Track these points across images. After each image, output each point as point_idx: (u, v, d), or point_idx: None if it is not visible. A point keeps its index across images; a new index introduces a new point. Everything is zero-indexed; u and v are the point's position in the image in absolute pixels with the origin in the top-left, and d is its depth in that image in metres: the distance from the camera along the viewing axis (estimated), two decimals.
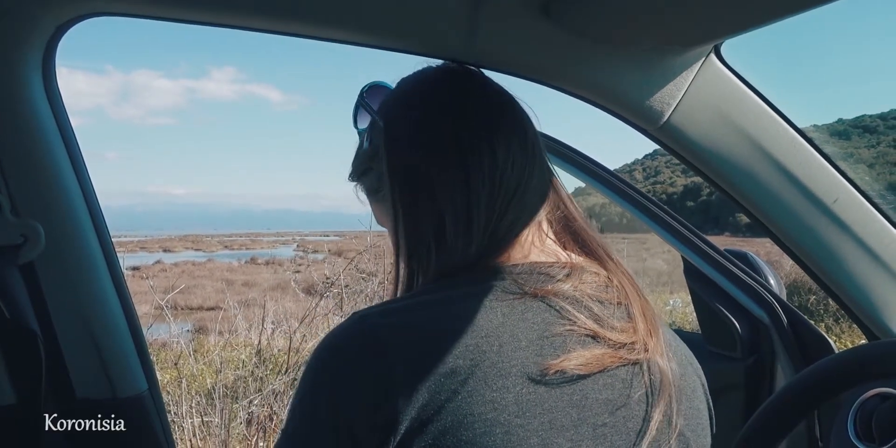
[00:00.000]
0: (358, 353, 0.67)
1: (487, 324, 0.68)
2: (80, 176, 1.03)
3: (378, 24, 0.91)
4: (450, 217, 0.76)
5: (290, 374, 4.59)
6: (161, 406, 1.09)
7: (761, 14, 0.82)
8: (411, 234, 0.79)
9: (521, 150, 0.79)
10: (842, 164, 1.11)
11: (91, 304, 1.02)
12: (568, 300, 0.72)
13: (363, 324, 0.69)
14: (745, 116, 1.04)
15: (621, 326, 0.72)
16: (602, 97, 0.98)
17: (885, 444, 1.02)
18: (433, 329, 0.68)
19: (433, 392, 0.64)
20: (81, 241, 1.02)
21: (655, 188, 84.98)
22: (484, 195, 0.76)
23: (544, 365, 0.67)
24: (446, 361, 0.65)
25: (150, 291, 5.21)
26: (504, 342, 0.67)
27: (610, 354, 0.70)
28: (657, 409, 0.70)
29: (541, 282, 0.72)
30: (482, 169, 0.76)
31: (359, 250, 6.11)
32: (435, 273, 0.77)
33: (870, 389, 1.09)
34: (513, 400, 0.65)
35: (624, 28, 0.89)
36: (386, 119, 0.82)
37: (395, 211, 0.79)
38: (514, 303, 0.70)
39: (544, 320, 0.70)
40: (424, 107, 0.81)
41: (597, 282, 0.75)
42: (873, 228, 1.12)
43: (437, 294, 0.72)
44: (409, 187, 0.78)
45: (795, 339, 1.41)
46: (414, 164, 0.78)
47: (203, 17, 0.92)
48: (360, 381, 0.66)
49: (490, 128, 0.78)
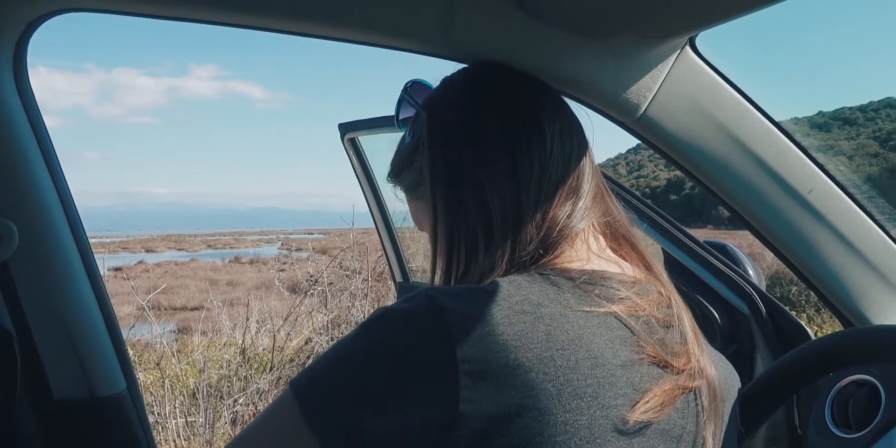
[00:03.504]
0: (423, 335, 0.63)
1: (563, 336, 0.64)
2: (54, 174, 1.02)
3: (354, 19, 0.91)
4: (497, 209, 0.74)
5: (275, 373, 4.58)
6: (141, 406, 1.08)
7: (735, 6, 0.82)
8: (457, 228, 0.76)
9: (570, 143, 0.78)
10: (818, 155, 1.12)
11: (67, 303, 1.01)
12: (638, 321, 0.70)
13: (434, 304, 0.65)
14: (720, 108, 1.05)
15: (679, 350, 0.72)
16: (578, 90, 0.98)
17: (861, 430, 1.03)
18: (507, 332, 0.63)
19: (501, 403, 0.61)
20: (56, 240, 1.00)
21: (639, 182, 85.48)
22: (533, 185, 0.75)
23: (623, 414, 0.64)
24: (518, 373, 0.62)
25: (132, 292, 5.18)
26: (580, 359, 0.64)
27: (676, 387, 0.68)
28: (707, 431, 0.72)
29: (609, 294, 0.70)
30: (531, 158, 0.75)
31: (343, 248, 6.10)
32: (483, 271, 0.73)
33: (846, 376, 1.10)
34: (585, 424, 0.62)
35: (599, 20, 0.89)
36: (431, 111, 0.81)
37: (435, 204, 0.78)
38: (589, 316, 0.67)
39: (618, 339, 0.67)
40: (471, 99, 0.81)
41: (659, 302, 0.74)
42: (848, 218, 1.13)
43: (508, 291, 0.67)
44: (453, 179, 0.77)
45: (774, 328, 1.43)
46: (458, 154, 0.77)
47: (177, 13, 0.91)
48: (424, 368, 0.62)
49: (538, 122, 0.77)
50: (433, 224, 0.79)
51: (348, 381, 0.64)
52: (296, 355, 5.24)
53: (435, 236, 0.79)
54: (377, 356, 0.64)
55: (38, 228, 0.98)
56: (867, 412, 1.04)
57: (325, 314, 5.61)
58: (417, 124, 0.83)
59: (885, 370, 1.06)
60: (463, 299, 0.65)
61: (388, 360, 0.63)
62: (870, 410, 1.04)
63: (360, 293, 5.60)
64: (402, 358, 0.63)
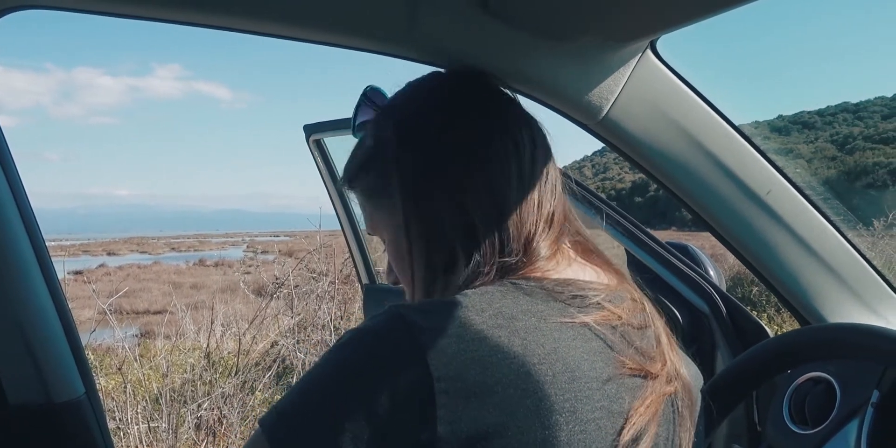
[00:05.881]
0: (396, 354, 0.61)
1: (539, 349, 0.63)
2: (8, 174, 0.99)
3: (317, 19, 0.90)
4: (480, 215, 0.72)
5: (240, 377, 4.52)
6: (100, 411, 1.06)
7: (695, 9, 0.83)
8: (433, 235, 0.73)
9: (541, 148, 0.78)
10: (775, 157, 1.14)
11: (23, 306, 0.98)
12: (615, 332, 0.69)
13: (404, 322, 0.63)
14: (680, 111, 1.07)
15: (654, 353, 0.71)
16: (542, 91, 0.99)
17: (817, 427, 1.06)
18: (482, 347, 0.61)
19: (480, 422, 0.59)
20: (11, 242, 0.98)
21: (604, 184, 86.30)
22: (513, 192, 0.73)
23: (610, 440, 0.64)
24: (495, 389, 0.60)
25: (93, 296, 5.07)
26: (557, 372, 0.62)
27: (656, 396, 0.68)
28: (683, 433, 0.73)
29: (583, 303, 0.69)
30: (507, 162, 0.74)
31: (309, 250, 6.06)
32: (467, 280, 0.71)
33: (803, 374, 1.13)
34: (564, 440, 0.61)
35: (562, 22, 0.90)
36: (398, 114, 0.79)
37: (407, 211, 0.74)
38: (564, 327, 0.66)
39: (594, 351, 0.66)
40: (443, 103, 0.79)
41: (633, 308, 0.73)
42: (804, 218, 1.16)
43: (481, 304, 0.65)
44: (428, 183, 0.73)
45: (734, 328, 1.46)
46: (432, 159, 0.74)
47: (138, 12, 0.89)
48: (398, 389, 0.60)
49: (508, 126, 0.76)
50: (405, 229, 0.75)
51: (320, 409, 0.62)
52: (262, 359, 5.19)
53: (407, 242, 0.75)
54: (349, 379, 0.62)
55: None
56: (823, 408, 1.07)
57: (291, 317, 5.56)
58: (380, 127, 0.79)
59: (840, 367, 1.09)
60: (434, 315, 0.63)
61: (361, 382, 0.61)
62: (825, 407, 1.07)
63: (326, 296, 5.56)
64: (375, 380, 0.61)
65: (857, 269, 1.20)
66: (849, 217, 1.22)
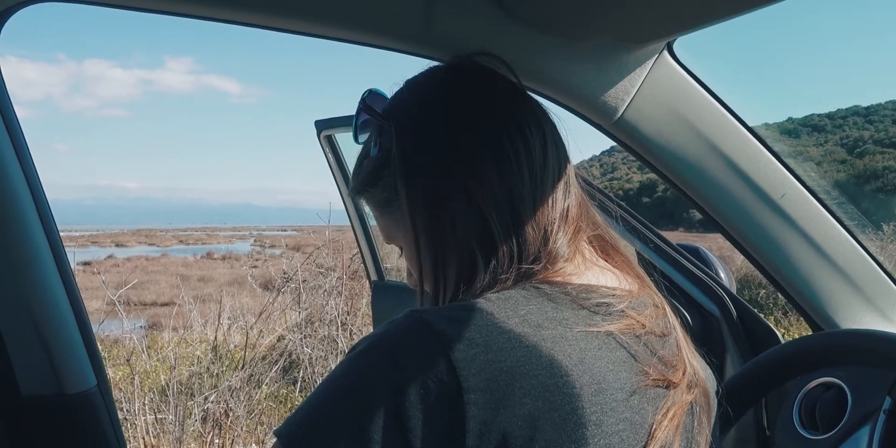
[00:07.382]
0: (424, 364, 0.59)
1: (566, 360, 0.61)
2: (25, 166, 1.00)
3: (334, 16, 0.90)
4: (496, 217, 0.69)
5: (247, 370, 4.54)
6: (111, 403, 1.06)
7: (713, 12, 0.83)
8: (449, 245, 0.70)
9: (552, 143, 0.75)
10: (790, 160, 1.14)
11: (37, 298, 0.99)
12: (638, 342, 0.68)
13: (431, 330, 0.60)
14: (696, 113, 1.06)
15: (675, 361, 0.71)
16: (557, 91, 0.99)
17: (828, 432, 1.05)
18: (510, 357, 0.59)
19: (508, 435, 0.58)
20: (27, 234, 0.98)
21: (612, 184, 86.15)
22: (527, 191, 0.70)
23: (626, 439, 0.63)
24: (524, 402, 0.58)
25: (101, 287, 5.10)
26: (584, 384, 0.61)
27: (678, 407, 0.68)
28: (701, 438, 0.72)
29: (608, 311, 0.67)
30: (518, 161, 0.71)
31: (317, 245, 6.07)
32: (486, 285, 0.69)
33: (814, 379, 1.12)
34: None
35: (578, 23, 0.90)
36: (402, 122, 0.74)
37: (417, 219, 0.72)
38: (589, 336, 0.64)
39: (619, 361, 0.65)
40: (446, 105, 0.75)
41: (655, 315, 0.72)
42: (819, 223, 1.15)
43: (506, 311, 0.63)
44: (438, 190, 0.71)
45: (744, 331, 1.45)
46: (441, 165, 0.71)
47: (154, 6, 0.90)
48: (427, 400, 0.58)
49: (518, 121, 0.73)
50: (415, 238, 0.73)
51: (343, 420, 0.59)
52: (268, 353, 5.20)
53: (422, 255, 0.73)
54: (374, 388, 0.59)
55: (8, 222, 0.96)
56: (834, 414, 1.06)
57: (298, 312, 5.57)
58: (384, 139, 0.75)
59: (851, 373, 1.08)
60: (460, 323, 0.61)
61: (387, 393, 0.58)
62: (837, 412, 1.06)
63: (334, 291, 5.57)
64: (402, 390, 0.58)
65: (870, 275, 1.19)
66: (863, 221, 1.21)
